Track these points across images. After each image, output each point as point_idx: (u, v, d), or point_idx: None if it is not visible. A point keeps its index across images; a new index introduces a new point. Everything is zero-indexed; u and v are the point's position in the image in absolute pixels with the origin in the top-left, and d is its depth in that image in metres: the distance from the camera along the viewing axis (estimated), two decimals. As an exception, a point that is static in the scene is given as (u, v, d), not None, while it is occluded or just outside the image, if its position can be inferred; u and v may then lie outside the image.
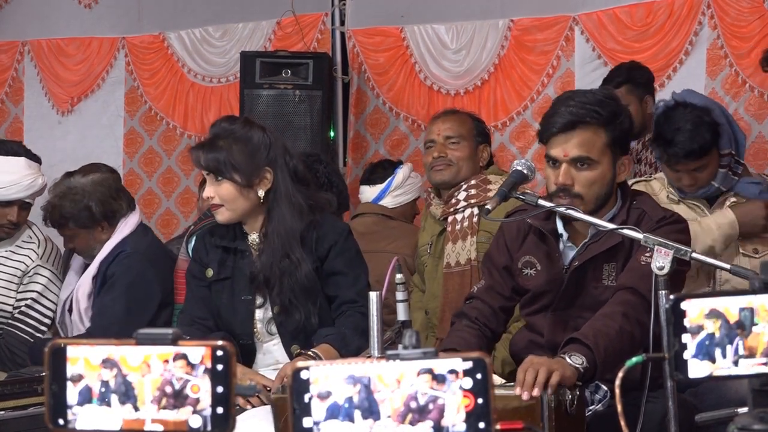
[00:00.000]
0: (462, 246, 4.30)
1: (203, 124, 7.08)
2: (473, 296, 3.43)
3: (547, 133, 3.27)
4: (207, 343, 1.68)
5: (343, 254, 3.50)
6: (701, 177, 3.92)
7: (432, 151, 4.49)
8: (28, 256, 4.77)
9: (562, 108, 3.25)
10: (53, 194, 4.52)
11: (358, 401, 1.64)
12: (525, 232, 3.40)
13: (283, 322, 3.48)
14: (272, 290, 3.47)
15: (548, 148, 3.28)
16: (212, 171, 3.44)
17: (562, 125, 3.23)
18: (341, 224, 3.64)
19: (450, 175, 4.44)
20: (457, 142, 4.48)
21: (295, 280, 3.43)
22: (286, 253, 3.43)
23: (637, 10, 6.05)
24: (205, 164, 3.44)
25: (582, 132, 3.23)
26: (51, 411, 1.69)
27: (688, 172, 3.91)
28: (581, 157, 3.22)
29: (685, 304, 1.87)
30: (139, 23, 7.24)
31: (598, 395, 3.08)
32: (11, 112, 7.52)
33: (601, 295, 3.23)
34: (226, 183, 3.44)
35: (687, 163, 3.89)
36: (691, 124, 3.88)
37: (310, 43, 6.79)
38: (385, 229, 4.98)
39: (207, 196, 3.47)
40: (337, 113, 6.75)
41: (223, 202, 3.46)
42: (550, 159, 3.27)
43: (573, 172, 3.22)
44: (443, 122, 4.55)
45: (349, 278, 3.48)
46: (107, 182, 4.60)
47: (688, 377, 1.88)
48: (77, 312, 4.50)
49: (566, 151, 3.23)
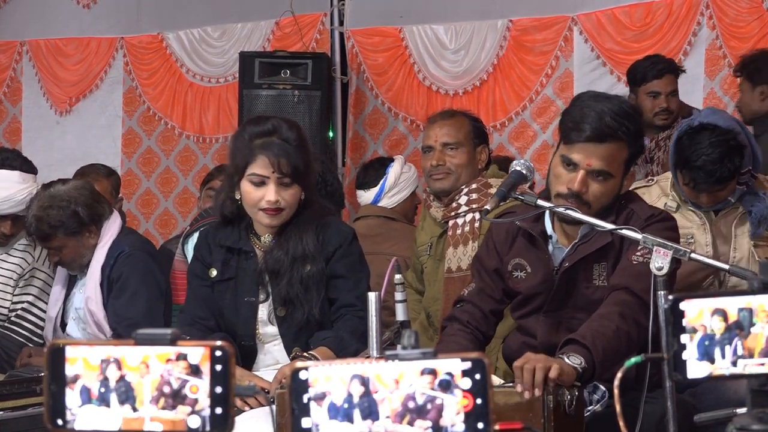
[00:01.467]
0: (463, 251, 4.28)
1: (202, 124, 7.09)
2: (463, 299, 3.42)
3: (574, 137, 3.19)
4: (206, 343, 1.68)
5: (345, 258, 3.50)
6: (721, 195, 3.91)
7: (430, 158, 4.42)
8: (24, 259, 4.76)
9: (593, 114, 3.18)
10: (37, 207, 4.41)
11: (357, 401, 1.64)
12: (513, 234, 3.39)
13: (286, 320, 3.48)
14: (279, 283, 3.46)
15: (569, 149, 3.21)
16: (289, 176, 3.42)
17: (594, 136, 3.17)
18: (347, 228, 3.63)
19: (449, 183, 4.40)
20: (455, 148, 4.40)
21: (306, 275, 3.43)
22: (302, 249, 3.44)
23: (636, 10, 6.06)
24: (287, 170, 3.41)
25: (609, 145, 3.18)
26: (50, 411, 1.69)
27: (709, 194, 3.90)
28: (602, 170, 3.21)
29: (684, 305, 1.88)
30: (137, 23, 7.24)
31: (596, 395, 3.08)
32: (9, 112, 7.52)
33: (592, 295, 3.24)
34: (295, 187, 3.44)
35: (711, 188, 3.86)
36: (718, 152, 3.76)
37: (309, 43, 6.80)
38: (388, 231, 4.98)
39: (272, 200, 3.39)
40: (336, 113, 6.76)
41: (286, 207, 3.44)
42: (569, 161, 3.21)
43: (588, 180, 3.20)
44: (440, 127, 4.45)
45: (350, 282, 3.48)
46: (87, 186, 4.58)
47: (687, 377, 1.88)
48: (93, 324, 4.43)
49: (590, 161, 3.18)
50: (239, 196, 3.48)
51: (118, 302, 4.37)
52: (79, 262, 4.48)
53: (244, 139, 3.47)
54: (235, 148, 3.52)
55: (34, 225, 4.41)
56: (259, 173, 3.42)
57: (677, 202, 3.96)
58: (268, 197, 3.41)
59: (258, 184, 3.42)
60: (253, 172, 3.42)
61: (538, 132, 6.33)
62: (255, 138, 3.45)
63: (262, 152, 3.42)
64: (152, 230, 7.10)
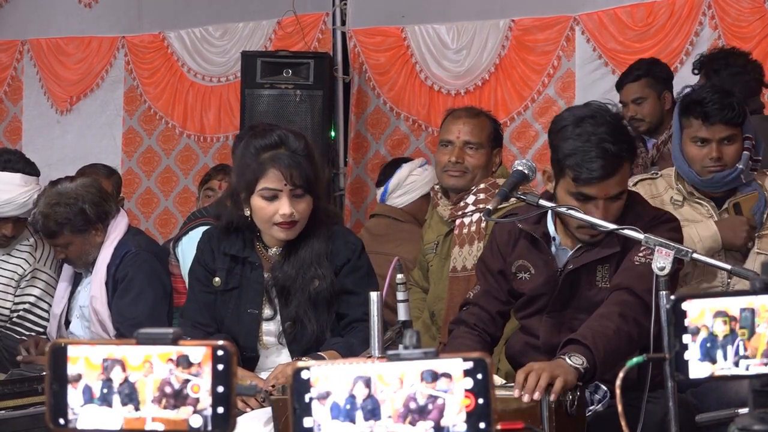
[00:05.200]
0: (469, 251, 4.27)
1: (202, 123, 7.09)
2: (469, 302, 3.42)
3: (584, 178, 3.13)
4: (208, 342, 1.68)
5: (354, 273, 3.46)
6: (728, 152, 3.81)
7: (449, 154, 4.34)
8: (25, 259, 4.76)
9: (594, 150, 3.12)
10: (44, 204, 4.42)
11: (359, 401, 1.64)
12: (516, 236, 3.38)
13: (296, 337, 3.44)
14: (290, 301, 3.42)
15: (581, 187, 3.15)
16: (301, 187, 3.37)
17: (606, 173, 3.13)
18: (354, 239, 3.57)
19: (465, 182, 4.35)
20: (476, 148, 4.34)
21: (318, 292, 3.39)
22: (314, 266, 3.40)
23: (638, 10, 6.05)
24: (299, 182, 3.36)
25: (620, 170, 3.18)
26: (52, 410, 1.69)
27: (718, 143, 3.82)
28: (618, 193, 3.20)
29: (686, 305, 1.87)
30: (138, 23, 7.24)
31: (597, 395, 3.08)
32: (10, 111, 7.52)
33: (595, 297, 3.23)
34: (308, 198, 3.40)
35: (720, 126, 3.79)
36: (720, 92, 3.83)
37: (310, 42, 6.80)
38: (396, 232, 5.00)
39: (287, 213, 3.34)
40: (337, 113, 6.75)
41: (301, 219, 3.39)
42: (584, 196, 3.16)
43: (608, 205, 3.20)
44: (465, 124, 4.37)
45: (360, 298, 3.36)
46: (95, 184, 4.58)
47: (689, 378, 1.88)
48: (97, 322, 4.43)
49: (607, 191, 3.16)
50: (249, 212, 3.42)
51: (123, 302, 4.37)
52: (85, 259, 4.49)
53: (251, 153, 3.40)
54: (243, 164, 3.44)
55: (41, 222, 4.43)
56: (271, 187, 3.36)
57: (683, 194, 3.92)
58: (282, 210, 3.35)
59: (270, 198, 3.36)
60: (265, 187, 3.36)
61: (540, 132, 6.33)
62: (262, 152, 3.38)
63: (273, 166, 3.36)
64: (152, 229, 7.10)
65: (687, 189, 3.89)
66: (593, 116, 3.19)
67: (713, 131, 3.77)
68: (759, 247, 3.84)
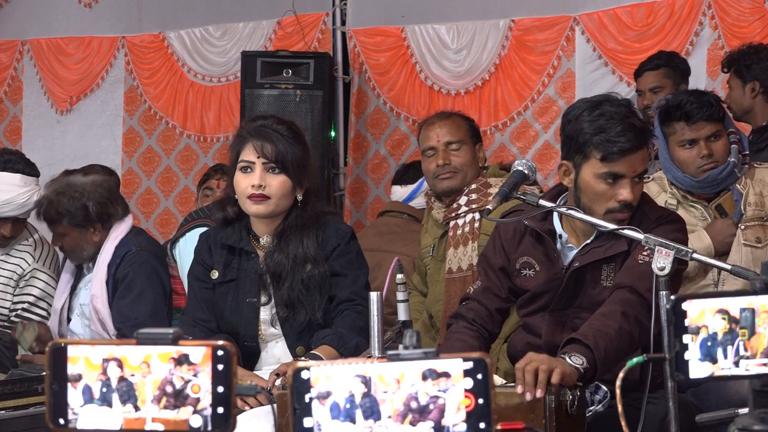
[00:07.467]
0: (463, 251, 4.28)
1: (203, 123, 7.09)
2: (469, 297, 3.42)
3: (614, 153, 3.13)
4: (208, 343, 1.68)
5: (343, 256, 3.53)
6: (717, 148, 3.86)
7: (435, 159, 4.38)
8: (24, 259, 4.77)
9: (621, 125, 3.13)
10: (51, 189, 4.46)
11: (359, 401, 1.64)
12: (521, 233, 3.38)
13: (288, 321, 3.48)
14: (281, 286, 3.47)
15: (610, 165, 3.15)
16: (274, 161, 3.45)
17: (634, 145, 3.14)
18: (345, 226, 3.65)
19: (457, 182, 4.38)
20: (458, 146, 4.39)
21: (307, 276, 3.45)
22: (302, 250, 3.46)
23: (638, 10, 6.05)
24: (272, 155, 3.44)
25: (644, 146, 3.20)
26: (52, 410, 1.69)
27: (706, 140, 3.86)
28: (644, 170, 3.22)
29: (686, 305, 1.87)
30: (139, 23, 7.24)
31: (598, 395, 3.08)
32: (10, 111, 7.52)
33: (599, 296, 3.23)
34: (283, 177, 3.46)
35: (704, 123, 3.84)
36: (695, 93, 3.94)
37: (311, 42, 6.79)
38: (406, 232, 5.02)
39: (256, 183, 3.43)
40: (337, 113, 6.76)
41: (272, 195, 3.46)
42: (613, 175, 3.16)
43: (635, 185, 3.19)
44: (440, 127, 4.42)
45: (348, 279, 3.51)
46: (107, 185, 4.58)
47: (689, 378, 1.88)
48: (97, 321, 4.44)
49: (635, 168, 3.17)
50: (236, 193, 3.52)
51: (124, 302, 4.37)
52: (79, 254, 4.49)
53: (238, 132, 3.55)
54: (231, 144, 3.58)
55: (44, 206, 4.46)
56: (245, 159, 3.47)
57: (677, 198, 3.95)
58: (252, 181, 3.44)
59: (245, 170, 3.47)
60: (242, 159, 3.48)
61: (540, 132, 6.33)
62: (245, 128, 3.53)
63: (250, 139, 3.48)
64: (152, 230, 7.10)
65: (681, 193, 3.94)
66: (608, 100, 3.23)
67: (698, 130, 3.86)
68: (744, 239, 3.87)
